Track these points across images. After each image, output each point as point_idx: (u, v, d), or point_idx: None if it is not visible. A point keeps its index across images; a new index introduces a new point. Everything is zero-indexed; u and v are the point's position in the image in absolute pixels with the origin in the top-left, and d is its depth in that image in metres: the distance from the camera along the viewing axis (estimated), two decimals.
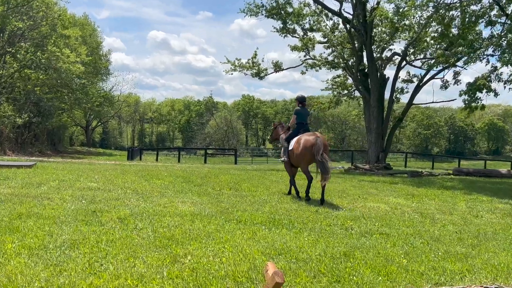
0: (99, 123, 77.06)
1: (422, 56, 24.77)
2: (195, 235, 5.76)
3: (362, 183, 14.38)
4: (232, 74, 25.59)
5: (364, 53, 23.55)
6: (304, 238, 5.99)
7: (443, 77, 24.00)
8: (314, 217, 7.59)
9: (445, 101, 60.81)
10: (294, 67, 26.65)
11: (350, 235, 6.43)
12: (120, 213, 6.74)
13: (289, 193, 10.55)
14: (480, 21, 18.52)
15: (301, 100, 11.04)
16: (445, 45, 20.78)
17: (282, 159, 10.60)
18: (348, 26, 22.94)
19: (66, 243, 5.05)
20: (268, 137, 12.37)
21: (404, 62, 24.17)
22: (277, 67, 25.39)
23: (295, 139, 10.25)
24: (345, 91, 27.10)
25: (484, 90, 19.24)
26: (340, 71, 26.76)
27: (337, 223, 7.20)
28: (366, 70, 23.58)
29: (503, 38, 17.35)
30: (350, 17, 23.09)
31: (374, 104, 22.68)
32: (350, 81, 26.41)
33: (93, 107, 46.06)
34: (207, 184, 11.34)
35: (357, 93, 26.19)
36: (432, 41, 23.10)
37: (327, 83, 28.09)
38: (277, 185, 12.08)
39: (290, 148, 10.27)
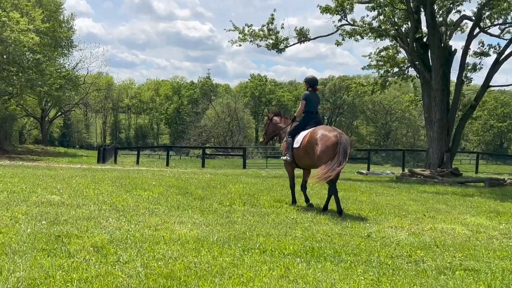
0: (59, 113, 77.31)
1: (501, 20, 24.33)
2: (203, 271, 5.49)
3: (423, 195, 14.12)
4: (240, 45, 25.44)
5: (423, 16, 23.18)
6: (359, 277, 5.68)
7: None
8: (368, 245, 7.28)
9: None
10: (326, 35, 26.21)
11: (423, 272, 6.10)
12: (96, 239, 6.53)
13: (294, 202, 11.11)
14: None
15: (311, 83, 11.36)
16: None
17: (285, 158, 11.00)
18: None
19: (21, 283, 4.79)
20: (263, 134, 12.48)
21: (477, 29, 23.76)
22: (302, 36, 25.12)
23: (304, 133, 10.56)
24: (395, 69, 26.77)
25: None
26: (388, 41, 26.45)
27: (401, 254, 6.88)
28: (425, 40, 23.18)
29: None
30: None
31: (436, 87, 22.30)
32: (402, 55, 26.07)
33: (51, 91, 46.11)
34: (211, 196, 11.20)
35: (412, 72, 25.85)
36: None
37: (369, 58, 27.77)
38: (308, 198, 11.74)
39: (296, 145, 10.65)
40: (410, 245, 7.44)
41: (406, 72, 26.45)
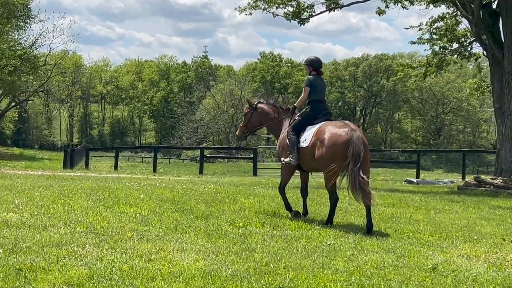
0: (13, 104, 77.41)
1: None
2: None
3: (498, 212, 13.94)
4: (250, 14, 25.31)
5: None
6: None
7: None
8: (435, 282, 7.10)
9: None
10: (363, 1, 25.89)
11: None
12: (70, 274, 6.39)
13: (289, 209, 11.60)
14: None
15: (315, 65, 11.69)
16: None
17: (288, 160, 11.19)
18: None
19: None
20: (239, 128, 12.82)
21: None
22: (333, 2, 24.95)
23: (313, 129, 10.89)
24: (454, 45, 26.57)
25: None
26: (444, 8, 26.19)
27: None
28: (495, 7, 22.91)
29: None
30: None
31: (510, 68, 22.03)
32: (464, 26, 25.84)
33: (3, 76, 46.11)
34: (218, 214, 11.04)
35: (476, 48, 25.63)
36: None
37: (420, 30, 27.51)
38: (346, 216, 11.74)
39: (304, 144, 10.93)
40: (492, 282, 7.23)
41: (469, 49, 26.22)
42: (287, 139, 11.38)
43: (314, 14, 25.15)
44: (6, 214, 9.53)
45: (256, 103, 12.42)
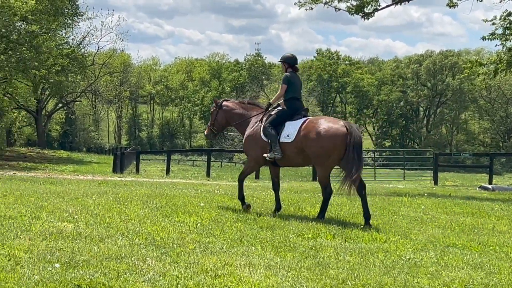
0: (60, 105, 78.60)
1: None
2: None
3: None
4: (311, 9, 25.08)
5: None
6: None
7: None
8: None
9: None
10: None
11: None
12: None
13: (242, 199, 12.57)
14: None
15: (291, 62, 12.56)
16: None
17: (272, 155, 11.87)
18: None
19: None
20: (207, 129, 13.74)
21: None
22: None
23: (294, 124, 11.76)
24: None
25: None
26: None
27: None
28: None
29: None
30: None
31: None
32: None
33: (50, 75, 46.62)
34: (284, 225, 10.84)
35: None
36: None
37: (493, 24, 26.88)
38: (423, 227, 11.44)
39: (287, 140, 11.70)
40: None
41: None
42: (263, 135, 12.07)
43: (379, 8, 24.82)
44: (60, 224, 9.47)
45: (221, 101, 13.22)
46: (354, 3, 24.79)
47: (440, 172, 36.52)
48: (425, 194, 19.95)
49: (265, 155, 12.03)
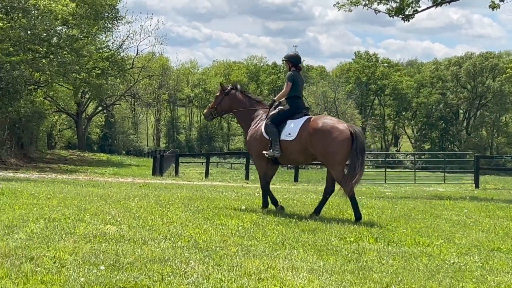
0: (100, 108, 79.15)
1: None
2: None
3: None
4: (350, 11, 25.03)
5: None
6: None
7: None
8: None
9: None
10: None
11: None
12: None
13: (265, 206, 12.83)
14: None
15: (294, 61, 12.78)
16: None
17: (271, 153, 12.17)
18: None
19: None
20: (207, 108, 14.22)
21: None
22: None
23: (296, 123, 12.08)
24: None
25: None
26: None
27: None
28: None
29: None
30: None
31: None
32: None
33: (91, 79, 47.08)
34: (326, 228, 10.80)
35: None
36: None
37: None
38: (466, 231, 11.32)
39: (289, 138, 12.03)
40: None
41: None
42: (264, 131, 12.37)
43: (419, 9, 24.69)
44: (103, 226, 9.52)
45: (229, 88, 13.44)
46: (394, 5, 24.70)
47: (481, 175, 36.19)
48: (467, 198, 19.75)
49: (264, 152, 12.33)
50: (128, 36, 66.79)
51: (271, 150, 12.12)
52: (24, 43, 36.48)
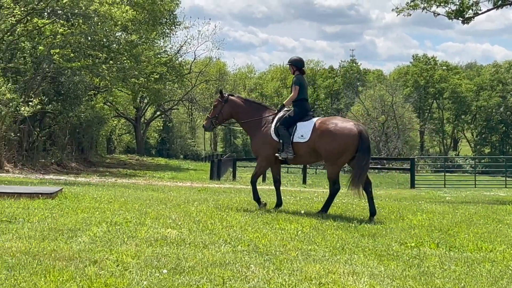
0: (158, 113, 79.77)
1: None
2: None
3: None
4: (409, 15, 24.80)
5: None
6: None
7: None
8: None
9: None
10: None
11: None
12: None
13: (257, 200, 13.28)
14: None
15: (299, 65, 13.25)
16: None
17: (285, 155, 12.51)
18: None
19: None
20: (207, 116, 14.52)
21: None
22: None
23: (307, 125, 12.46)
24: None
25: None
26: None
27: None
28: None
29: None
30: None
31: None
32: None
33: (149, 84, 47.52)
34: (386, 233, 10.73)
35: None
36: None
37: None
38: None
39: (301, 140, 12.40)
40: None
41: None
42: (274, 134, 12.69)
43: (479, 12, 24.34)
44: (164, 230, 9.59)
45: (227, 95, 13.58)
46: (454, 7, 24.40)
47: None
48: None
49: (277, 154, 12.64)
50: (185, 42, 67.33)
51: (283, 152, 12.47)
52: (85, 49, 37.05)
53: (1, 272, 6.78)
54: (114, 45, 38.66)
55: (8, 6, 32.52)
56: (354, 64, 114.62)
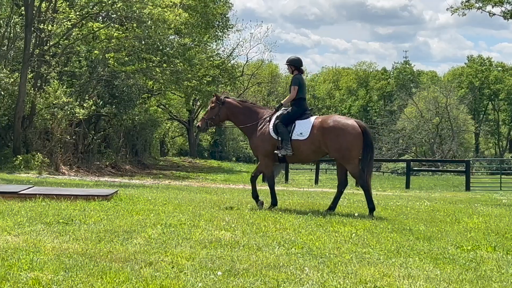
0: None
1: None
2: None
3: None
4: (464, 14, 24.57)
5: None
6: None
7: None
8: None
9: None
10: None
11: None
12: None
13: (274, 203, 13.45)
14: None
15: (297, 64, 13.41)
16: None
17: (284, 152, 12.62)
18: None
19: None
20: (202, 118, 14.40)
21: None
22: None
23: (306, 123, 12.70)
24: None
25: None
26: None
27: None
28: None
29: None
30: None
31: None
32: None
33: (202, 87, 47.78)
34: (441, 236, 10.58)
35: None
36: None
37: None
38: None
39: (301, 137, 12.59)
40: None
41: None
42: (272, 132, 12.82)
43: None
44: (218, 232, 9.63)
45: (223, 98, 13.62)
46: (509, 7, 24.13)
47: None
48: None
49: (276, 151, 12.77)
50: (238, 44, 67.68)
51: (283, 149, 12.60)
52: (139, 53, 37.46)
53: (58, 273, 6.86)
54: (168, 48, 38.99)
55: (63, 11, 33.05)
56: (408, 66, 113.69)
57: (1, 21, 35.15)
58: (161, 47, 37.65)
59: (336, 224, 11.14)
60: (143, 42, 36.61)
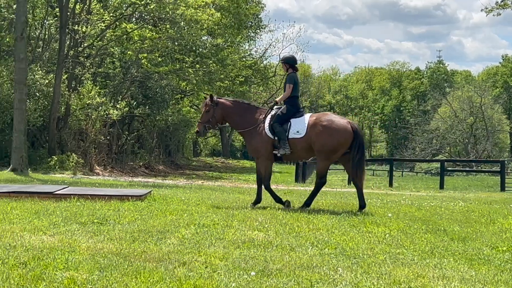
0: None
1: None
2: None
3: None
4: (499, 14, 24.36)
5: None
6: None
7: None
8: None
9: None
10: None
11: None
12: None
13: (280, 201, 13.48)
14: None
15: (291, 62, 13.56)
16: None
17: (283, 152, 12.71)
18: None
19: None
20: (198, 122, 14.34)
21: None
22: None
23: (301, 121, 12.78)
24: None
25: None
26: None
27: None
28: None
29: None
30: None
31: None
32: None
33: (234, 87, 47.88)
34: (476, 237, 10.49)
35: None
36: None
37: None
38: None
39: (297, 136, 12.68)
40: None
41: None
42: (269, 131, 12.86)
43: None
44: (251, 233, 9.62)
45: (216, 98, 13.64)
46: None
47: None
48: None
49: (275, 151, 12.87)
50: (270, 45, 67.60)
51: (281, 149, 12.70)
52: (172, 54, 37.64)
53: (93, 272, 6.91)
54: (201, 49, 39.14)
55: (97, 12, 33.32)
56: (441, 65, 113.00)
57: (36, 23, 35.48)
58: (194, 48, 37.86)
59: (369, 225, 11.08)
60: (176, 43, 36.80)
